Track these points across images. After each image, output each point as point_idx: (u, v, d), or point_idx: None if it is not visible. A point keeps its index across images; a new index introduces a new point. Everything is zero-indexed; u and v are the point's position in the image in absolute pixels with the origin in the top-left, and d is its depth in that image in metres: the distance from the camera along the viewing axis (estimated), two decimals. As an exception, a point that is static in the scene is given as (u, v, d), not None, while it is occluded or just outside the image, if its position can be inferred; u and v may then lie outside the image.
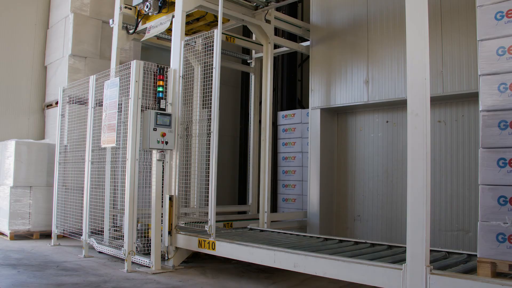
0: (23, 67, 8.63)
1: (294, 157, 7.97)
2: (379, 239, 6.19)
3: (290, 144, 8.01)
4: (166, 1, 5.95)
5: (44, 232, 7.03)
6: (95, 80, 5.98)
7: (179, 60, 5.47)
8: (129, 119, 5.09)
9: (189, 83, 5.56)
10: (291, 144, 8.00)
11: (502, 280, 2.87)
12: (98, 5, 8.22)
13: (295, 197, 7.92)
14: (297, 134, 7.98)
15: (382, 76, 6.35)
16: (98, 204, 5.76)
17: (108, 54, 7.69)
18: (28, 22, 8.69)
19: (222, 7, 5.15)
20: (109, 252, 5.48)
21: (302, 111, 7.92)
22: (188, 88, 5.53)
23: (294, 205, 7.89)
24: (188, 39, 5.63)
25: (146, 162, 5.39)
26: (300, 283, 4.56)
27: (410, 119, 3.26)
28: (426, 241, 3.10)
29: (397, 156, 6.47)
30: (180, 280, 4.59)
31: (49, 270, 4.88)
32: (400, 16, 6.09)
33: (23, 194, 6.96)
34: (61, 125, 6.74)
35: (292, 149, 7.98)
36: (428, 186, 3.14)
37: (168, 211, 5.18)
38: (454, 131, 5.94)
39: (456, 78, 5.64)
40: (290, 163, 8.00)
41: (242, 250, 4.49)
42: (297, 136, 7.98)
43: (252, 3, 6.52)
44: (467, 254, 4.11)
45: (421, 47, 3.24)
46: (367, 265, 3.47)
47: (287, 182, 8.03)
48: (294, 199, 7.92)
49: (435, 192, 5.88)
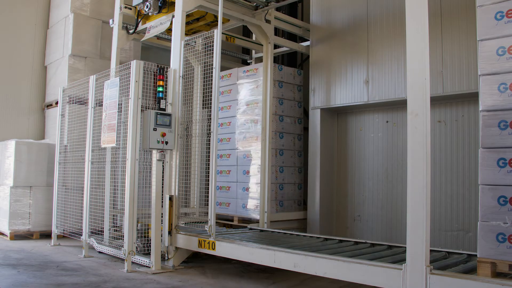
0: (23, 67, 8.63)
1: (229, 123, 7.23)
2: (379, 239, 6.19)
3: (226, 108, 7.33)
4: (166, 1, 5.95)
5: (44, 232, 7.03)
6: (95, 80, 5.98)
7: (179, 60, 5.47)
8: (129, 119, 5.10)
9: (189, 83, 5.56)
10: (227, 108, 7.32)
11: (502, 280, 2.87)
12: (98, 5, 8.22)
13: (230, 184, 7.17)
14: (233, 97, 7.25)
15: (382, 76, 6.35)
16: (98, 204, 5.76)
17: (108, 54, 7.69)
18: (28, 22, 8.69)
19: (222, 7, 5.15)
20: (109, 252, 5.48)
21: (239, 69, 7.27)
22: (188, 88, 5.53)
23: (228, 194, 7.14)
24: (188, 39, 5.63)
25: (146, 162, 5.39)
26: (300, 283, 4.56)
27: (410, 119, 3.26)
28: (426, 241, 3.10)
29: (397, 156, 6.47)
30: (180, 280, 4.59)
31: (49, 270, 4.88)
32: (400, 16, 6.09)
33: (23, 194, 6.96)
34: (61, 125, 6.74)
35: (227, 113, 7.32)
36: (428, 186, 3.14)
37: (168, 211, 5.18)
38: (454, 131, 5.94)
39: (456, 78, 5.63)
40: (224, 130, 7.34)
41: (242, 250, 4.49)
42: (233, 99, 7.26)
43: (252, 3, 6.52)
44: (467, 254, 4.12)
45: (421, 47, 3.24)
46: (367, 265, 3.47)
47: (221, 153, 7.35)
48: (229, 187, 7.17)
49: (435, 192, 5.88)
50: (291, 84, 7.32)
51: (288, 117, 7.21)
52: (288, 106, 7.26)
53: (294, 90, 7.36)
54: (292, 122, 7.30)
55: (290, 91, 7.30)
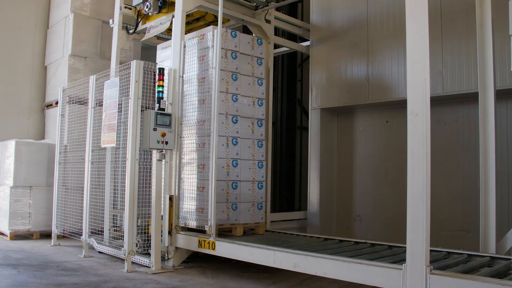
0: (23, 67, 8.63)
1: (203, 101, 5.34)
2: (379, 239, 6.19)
3: None
4: (166, 1, 5.95)
5: (44, 232, 7.04)
6: (95, 80, 5.98)
7: (179, 60, 5.47)
8: (129, 119, 5.10)
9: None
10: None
11: (502, 280, 2.87)
12: (98, 5, 8.23)
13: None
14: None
15: (382, 76, 6.35)
16: (98, 204, 5.76)
17: (108, 54, 7.69)
18: (28, 22, 8.69)
19: (222, 7, 5.15)
20: (109, 252, 5.48)
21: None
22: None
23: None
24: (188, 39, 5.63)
25: (146, 162, 5.39)
26: (300, 283, 4.56)
27: (410, 119, 3.26)
28: (426, 241, 3.09)
29: (397, 156, 6.47)
30: (180, 280, 4.59)
31: (49, 270, 4.88)
32: (400, 16, 6.09)
33: (23, 194, 6.97)
34: (61, 125, 6.74)
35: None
36: (428, 186, 3.14)
37: (168, 211, 5.18)
38: (454, 131, 5.93)
39: (456, 78, 5.64)
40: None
41: (242, 250, 4.49)
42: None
43: (252, 3, 6.52)
44: (467, 254, 4.11)
45: (421, 47, 3.24)
46: (367, 265, 3.47)
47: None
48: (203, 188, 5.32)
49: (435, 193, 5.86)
50: (248, 56, 5.69)
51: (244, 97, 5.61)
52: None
53: (253, 63, 5.73)
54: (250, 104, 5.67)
55: (248, 64, 5.67)
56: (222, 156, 5.26)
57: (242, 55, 5.56)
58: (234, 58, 5.49)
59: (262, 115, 5.75)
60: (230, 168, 5.36)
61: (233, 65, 5.47)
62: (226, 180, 5.31)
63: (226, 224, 5.26)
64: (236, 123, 5.45)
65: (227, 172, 5.32)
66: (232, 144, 5.41)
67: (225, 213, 5.27)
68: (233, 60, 5.47)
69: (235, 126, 5.44)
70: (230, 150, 5.38)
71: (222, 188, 5.23)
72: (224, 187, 5.27)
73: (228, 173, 5.33)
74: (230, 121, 5.43)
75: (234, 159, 5.41)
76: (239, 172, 5.44)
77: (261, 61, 5.83)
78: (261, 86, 5.76)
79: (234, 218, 5.34)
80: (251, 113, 5.62)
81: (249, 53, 5.66)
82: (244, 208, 5.46)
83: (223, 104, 5.29)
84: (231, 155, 5.38)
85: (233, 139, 5.43)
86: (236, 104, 5.45)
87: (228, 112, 5.38)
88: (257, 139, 5.67)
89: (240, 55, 5.54)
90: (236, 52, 5.51)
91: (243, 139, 5.50)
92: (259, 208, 5.63)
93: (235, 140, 5.44)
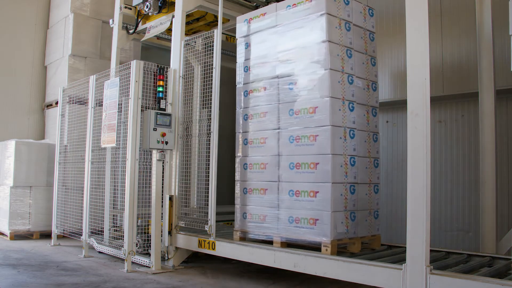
0: (23, 67, 8.63)
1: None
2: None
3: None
4: (166, 1, 5.95)
5: (44, 232, 7.03)
6: (95, 80, 5.98)
7: (179, 60, 5.48)
8: (129, 119, 5.10)
9: (189, 83, 5.56)
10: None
11: (502, 280, 2.87)
12: (98, 5, 8.22)
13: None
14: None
15: (382, 76, 6.35)
16: (98, 204, 5.76)
17: (108, 54, 7.69)
18: (28, 22, 8.69)
19: (222, 7, 5.15)
20: (109, 252, 5.48)
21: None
22: (188, 88, 5.52)
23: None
24: (188, 39, 5.63)
25: (146, 162, 5.38)
26: (300, 283, 4.56)
27: (410, 119, 3.26)
28: (426, 241, 3.09)
29: (397, 156, 6.47)
30: (180, 280, 4.59)
31: (49, 270, 4.88)
32: (400, 16, 6.08)
33: (23, 194, 6.97)
34: (61, 125, 6.74)
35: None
36: (428, 186, 3.14)
37: (168, 211, 5.18)
38: (454, 131, 5.94)
39: (456, 78, 5.64)
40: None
41: (242, 250, 4.48)
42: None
43: (252, 3, 6.51)
44: (467, 254, 4.11)
45: (421, 47, 3.24)
46: (367, 265, 3.47)
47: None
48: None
49: (435, 192, 5.88)
50: (361, 28, 4.51)
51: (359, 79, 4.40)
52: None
53: (366, 38, 4.56)
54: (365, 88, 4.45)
55: (361, 39, 4.49)
56: (339, 152, 4.04)
57: (355, 27, 4.39)
58: (348, 30, 4.29)
59: (376, 102, 4.56)
60: (348, 167, 4.12)
61: (347, 39, 4.27)
62: (344, 183, 4.06)
63: (345, 239, 4.04)
64: (352, 111, 4.22)
65: (345, 173, 4.08)
66: (350, 137, 4.18)
67: (344, 224, 4.03)
68: (346, 33, 4.27)
69: (352, 114, 4.21)
70: (347, 145, 4.13)
71: (341, 193, 4.02)
72: (343, 192, 4.04)
73: (346, 174, 4.09)
74: (347, 108, 4.17)
75: (352, 156, 4.17)
76: (357, 173, 4.21)
77: (373, 36, 4.64)
78: (374, 66, 4.61)
79: (352, 231, 4.12)
80: (366, 99, 4.42)
81: (362, 26, 4.50)
82: (361, 218, 4.25)
83: (339, 86, 4.10)
84: (348, 151, 4.14)
85: (351, 130, 4.19)
86: (352, 87, 4.25)
87: (345, 97, 4.15)
88: (372, 132, 4.46)
89: (354, 27, 4.36)
90: (349, 23, 4.31)
91: (359, 131, 4.29)
92: (375, 217, 4.43)
93: (353, 132, 4.21)
